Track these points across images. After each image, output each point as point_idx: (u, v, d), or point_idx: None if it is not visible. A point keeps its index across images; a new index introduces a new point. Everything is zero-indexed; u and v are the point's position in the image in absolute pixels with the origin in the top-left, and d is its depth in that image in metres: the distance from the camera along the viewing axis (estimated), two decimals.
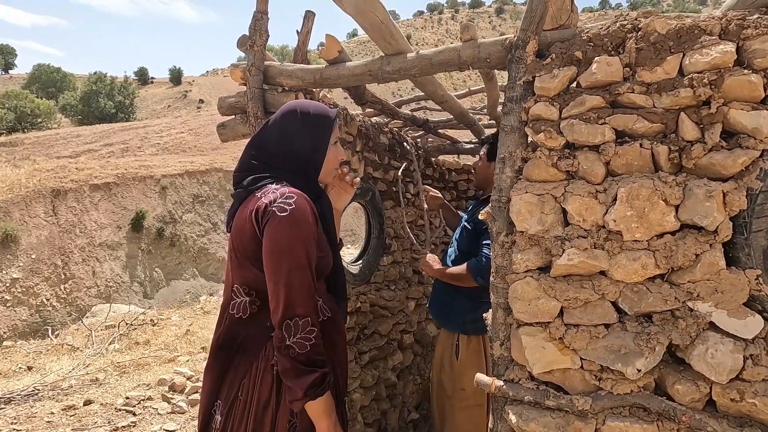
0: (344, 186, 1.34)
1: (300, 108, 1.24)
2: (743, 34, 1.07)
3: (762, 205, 1.00)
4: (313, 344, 1.04)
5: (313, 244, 1.09)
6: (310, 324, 1.04)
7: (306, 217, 1.08)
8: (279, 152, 1.20)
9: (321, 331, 1.13)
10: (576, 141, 1.19)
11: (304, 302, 1.05)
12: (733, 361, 1.00)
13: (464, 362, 2.12)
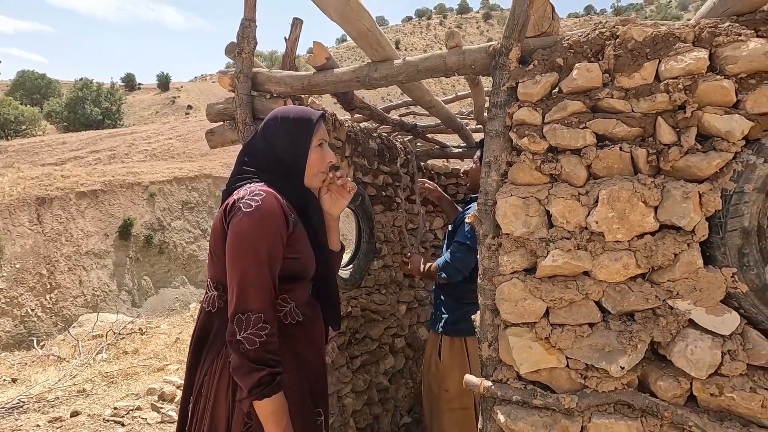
0: (339, 191, 1.33)
1: (280, 114, 1.25)
2: (715, 41, 1.11)
3: (736, 205, 1.04)
4: (264, 341, 1.01)
5: (278, 242, 1.08)
6: (262, 320, 1.02)
7: (272, 214, 1.08)
8: (265, 159, 1.21)
9: (287, 334, 1.13)
10: (558, 145, 1.23)
11: (258, 298, 1.03)
12: (711, 356, 1.04)
13: (447, 363, 2.14)
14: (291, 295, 1.18)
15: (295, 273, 1.16)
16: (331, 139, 2.30)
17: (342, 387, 2.54)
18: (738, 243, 1.04)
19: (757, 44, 1.05)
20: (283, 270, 1.13)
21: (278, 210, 1.09)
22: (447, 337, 2.16)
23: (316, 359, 1.25)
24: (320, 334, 1.29)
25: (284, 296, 1.16)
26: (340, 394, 2.54)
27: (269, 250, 1.06)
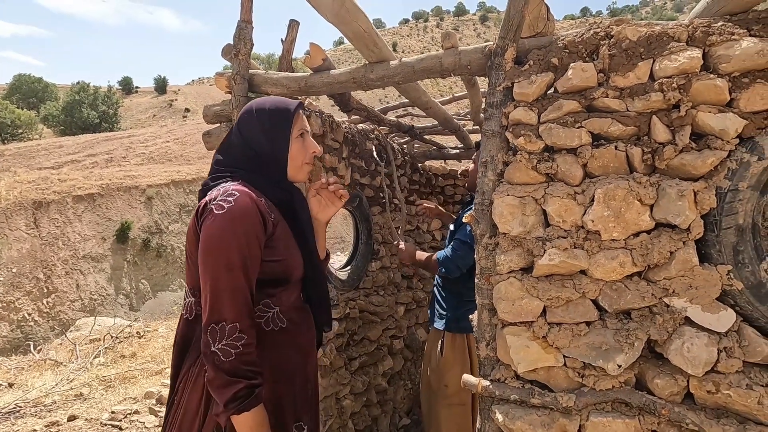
0: (331, 197, 1.28)
1: (255, 106, 1.18)
2: (709, 41, 1.12)
3: (730, 203, 1.04)
4: (240, 352, 0.95)
5: (253, 245, 1.02)
6: (237, 330, 0.96)
7: (246, 215, 1.01)
8: (242, 156, 1.15)
9: (268, 342, 1.06)
10: (554, 144, 1.23)
11: (232, 306, 0.97)
12: (708, 354, 1.04)
13: (448, 360, 2.15)
14: (274, 300, 1.11)
15: (277, 276, 1.10)
16: (329, 141, 2.30)
17: (340, 389, 2.53)
18: (733, 240, 1.05)
19: (749, 43, 1.06)
20: (264, 273, 1.07)
21: (254, 210, 1.03)
22: (449, 334, 2.17)
23: (301, 369, 1.16)
24: (309, 340, 1.21)
25: (266, 301, 1.10)
26: (338, 396, 2.54)
27: (243, 253, 1.00)
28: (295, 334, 1.15)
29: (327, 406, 2.39)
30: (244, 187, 1.06)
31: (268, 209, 1.09)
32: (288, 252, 1.12)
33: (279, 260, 1.09)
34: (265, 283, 1.08)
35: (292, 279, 1.14)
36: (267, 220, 1.06)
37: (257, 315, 1.07)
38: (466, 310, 2.06)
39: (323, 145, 2.24)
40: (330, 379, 2.42)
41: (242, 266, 0.99)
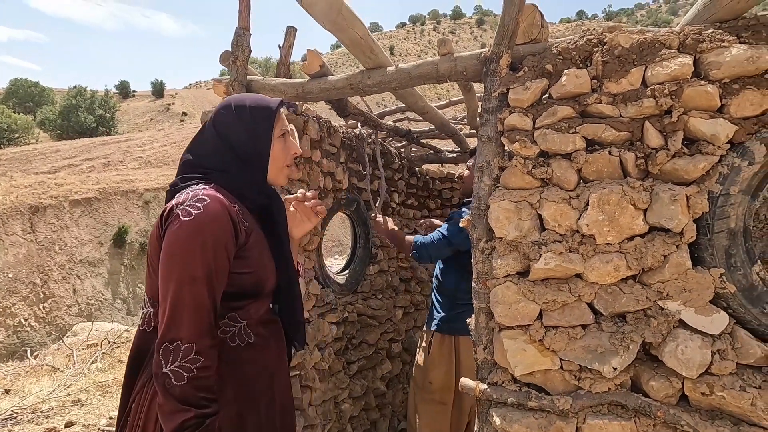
0: (308, 213, 1.21)
1: (234, 102, 1.10)
2: (699, 48, 1.14)
3: (722, 207, 1.06)
4: (193, 377, 0.86)
5: (221, 257, 0.93)
6: (193, 351, 0.87)
7: (216, 224, 0.93)
8: (217, 156, 1.06)
9: (234, 359, 0.99)
10: (549, 150, 1.25)
11: (191, 324, 0.88)
12: (701, 356, 1.05)
13: (434, 357, 2.19)
14: (242, 313, 1.03)
15: (247, 289, 1.02)
16: (326, 146, 2.32)
17: (339, 393, 2.53)
18: (725, 244, 1.06)
19: (739, 50, 1.08)
20: (233, 286, 0.98)
21: (225, 218, 0.95)
22: (438, 334, 2.20)
23: (267, 388, 1.07)
24: (277, 356, 1.12)
25: (233, 315, 1.01)
26: (337, 400, 2.54)
27: (209, 266, 0.91)
28: (263, 350, 1.07)
29: (326, 411, 2.40)
30: (217, 191, 0.98)
31: (242, 217, 1.01)
32: (260, 263, 1.04)
33: (250, 272, 1.01)
34: (232, 295, 1.00)
35: (263, 291, 1.07)
36: (239, 229, 0.98)
37: (222, 330, 0.99)
38: (458, 313, 2.09)
39: (321, 149, 2.25)
40: (329, 383, 2.43)
41: (207, 280, 0.90)
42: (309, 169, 2.15)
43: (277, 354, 1.12)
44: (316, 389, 2.30)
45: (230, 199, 1.00)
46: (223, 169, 1.05)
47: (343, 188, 2.55)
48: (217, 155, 1.06)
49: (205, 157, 1.07)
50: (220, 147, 1.07)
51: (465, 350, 2.12)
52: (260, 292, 1.06)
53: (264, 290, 1.07)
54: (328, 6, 1.30)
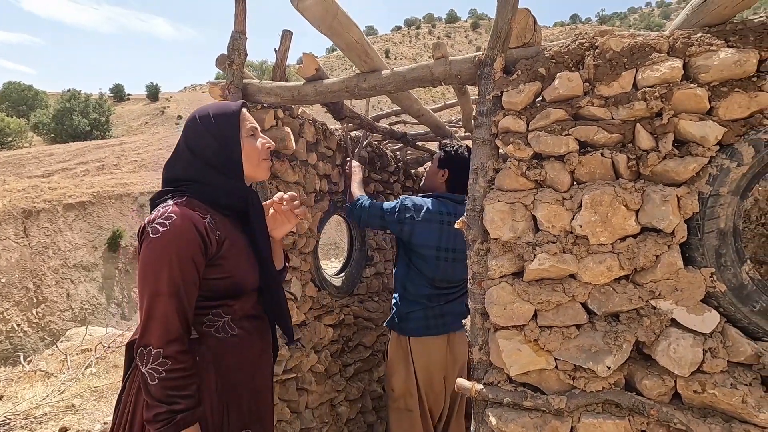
0: (288, 215, 1.28)
1: (199, 113, 1.17)
2: (689, 51, 1.16)
3: (712, 207, 1.08)
4: (162, 378, 0.98)
5: (188, 268, 1.02)
6: (161, 356, 0.98)
7: (181, 240, 1.01)
8: (191, 169, 1.13)
9: (219, 349, 1.09)
10: (543, 152, 1.26)
11: (156, 333, 0.99)
12: (693, 354, 1.07)
13: (392, 362, 2.20)
14: (225, 309, 1.12)
15: (223, 292, 1.11)
16: (322, 148, 2.33)
17: (336, 395, 2.53)
18: (715, 244, 1.08)
19: (727, 54, 1.10)
20: (209, 291, 1.08)
21: (191, 233, 1.03)
22: (394, 335, 2.21)
23: (248, 380, 1.16)
24: (260, 351, 1.20)
25: (217, 311, 1.11)
26: (333, 403, 2.54)
27: (176, 280, 1.00)
28: (246, 344, 1.15)
29: (322, 413, 2.39)
30: (187, 206, 1.06)
31: (214, 227, 1.08)
32: (237, 266, 1.11)
33: (224, 277, 1.09)
34: (214, 296, 1.10)
35: (244, 291, 1.15)
36: (209, 240, 1.06)
37: (207, 324, 1.10)
38: (408, 312, 2.10)
39: (317, 152, 2.26)
40: (325, 385, 2.43)
41: (174, 293, 1.00)
42: (305, 171, 2.15)
43: (261, 349, 1.21)
44: (312, 392, 2.30)
45: (201, 211, 1.08)
46: (198, 180, 1.13)
47: (339, 191, 2.56)
48: (190, 167, 1.13)
49: (180, 170, 1.14)
50: (192, 159, 1.14)
51: (417, 351, 2.11)
52: (240, 292, 1.14)
53: (244, 290, 1.15)
54: (324, 10, 1.31)
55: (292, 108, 2.00)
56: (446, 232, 2.01)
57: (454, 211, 2.04)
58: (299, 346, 2.20)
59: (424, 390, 2.13)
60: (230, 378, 1.11)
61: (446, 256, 2.04)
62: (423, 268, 2.07)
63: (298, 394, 2.19)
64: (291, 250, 2.11)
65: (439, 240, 2.03)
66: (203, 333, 1.10)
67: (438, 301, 2.10)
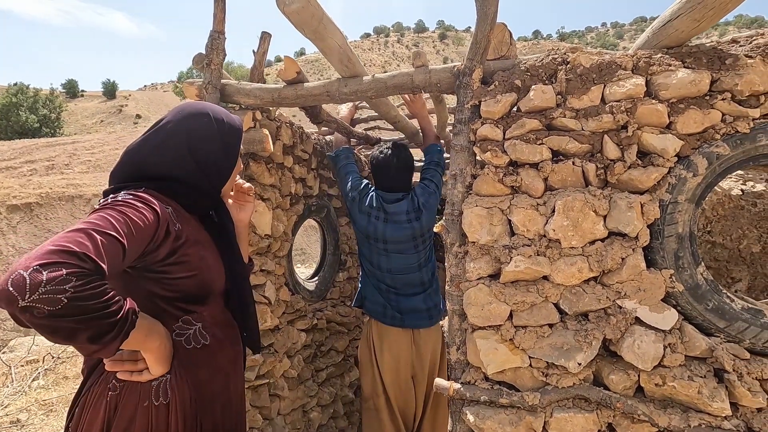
0: (242, 197, 1.29)
1: (212, 113, 1.10)
2: (650, 70, 1.26)
3: (671, 214, 1.17)
4: (73, 295, 0.74)
5: (137, 232, 0.87)
6: (63, 275, 0.75)
7: (138, 208, 0.89)
8: (175, 161, 1.03)
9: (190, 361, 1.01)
10: (518, 159, 1.33)
11: (64, 247, 0.76)
12: (655, 350, 1.15)
13: (360, 363, 2.28)
14: (196, 316, 1.05)
15: (192, 291, 1.04)
16: (298, 152, 2.32)
17: (308, 401, 2.50)
18: (674, 247, 1.17)
19: (684, 74, 1.21)
20: (176, 291, 1.00)
21: (151, 207, 0.92)
22: (364, 331, 2.31)
23: (223, 390, 1.09)
24: (231, 359, 1.14)
25: (187, 318, 1.04)
26: (305, 409, 2.51)
27: (121, 227, 0.84)
28: (218, 352, 1.09)
29: (294, 419, 2.36)
30: (145, 193, 0.95)
31: (175, 218, 0.98)
32: (204, 264, 1.05)
33: (191, 275, 1.02)
34: (181, 299, 1.02)
35: (212, 292, 1.09)
36: (168, 228, 0.95)
37: (177, 333, 1.02)
38: (365, 289, 2.24)
39: (293, 155, 2.25)
40: (297, 391, 2.40)
41: (117, 231, 0.83)
42: (281, 174, 2.14)
43: (233, 357, 1.15)
44: (285, 398, 2.26)
45: (164, 202, 0.98)
46: (177, 178, 1.03)
47: (314, 194, 2.56)
48: (176, 162, 1.03)
49: (161, 164, 1.02)
50: (185, 155, 1.04)
51: (379, 344, 2.18)
52: (208, 293, 1.08)
53: (212, 291, 1.09)
54: (310, 15, 1.32)
55: (269, 110, 1.99)
56: (373, 225, 2.10)
57: (383, 207, 2.10)
58: (272, 352, 2.16)
59: (392, 390, 2.16)
60: (205, 392, 1.05)
61: (377, 247, 2.13)
62: (363, 250, 2.22)
63: (270, 401, 2.15)
64: (266, 254, 2.08)
65: (367, 229, 2.12)
66: (173, 344, 1.02)
67: (386, 286, 2.18)
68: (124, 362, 0.94)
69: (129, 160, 1.02)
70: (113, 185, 1.00)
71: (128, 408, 0.93)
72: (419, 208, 2.04)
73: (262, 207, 1.94)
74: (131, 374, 0.93)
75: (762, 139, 1.15)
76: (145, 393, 0.95)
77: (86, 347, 0.78)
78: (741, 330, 1.13)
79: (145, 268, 0.95)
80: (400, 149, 2.12)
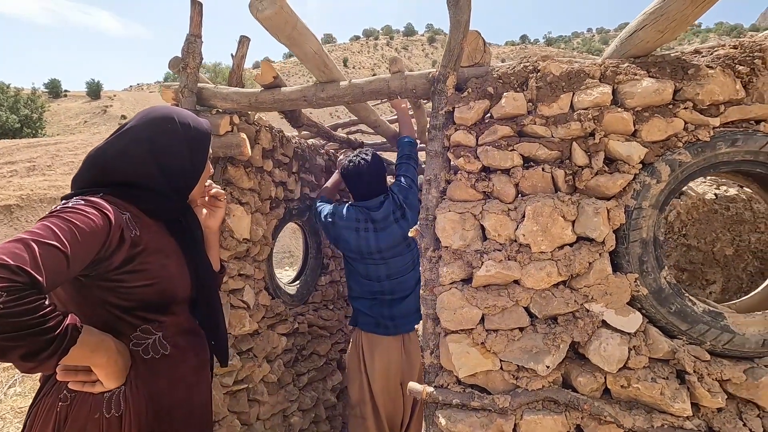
0: (213, 202, 1.28)
1: (178, 117, 1.08)
2: (617, 79, 1.29)
3: (636, 219, 1.20)
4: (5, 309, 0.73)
5: (84, 239, 0.84)
6: None
7: (88, 214, 0.87)
8: (140, 167, 1.02)
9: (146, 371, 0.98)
10: (491, 165, 1.35)
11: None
12: (620, 352, 1.18)
13: (348, 370, 2.31)
14: (157, 325, 1.02)
15: (151, 300, 1.00)
16: (279, 155, 2.31)
17: (288, 405, 2.49)
18: (638, 252, 1.20)
19: (649, 83, 1.24)
20: (132, 300, 0.97)
21: (102, 213, 0.89)
22: (352, 339, 2.31)
23: (184, 400, 1.06)
24: (195, 368, 1.10)
25: (146, 327, 1.01)
26: (286, 413, 2.49)
27: (66, 235, 0.81)
28: (179, 362, 1.06)
29: (274, 424, 2.35)
30: (103, 200, 0.93)
31: (132, 225, 0.96)
32: (166, 273, 1.02)
33: (150, 284, 0.99)
34: (140, 308, 0.99)
35: (174, 300, 1.06)
36: (122, 235, 0.93)
37: (134, 343, 0.99)
38: (357, 308, 2.24)
39: (273, 159, 2.25)
40: (278, 396, 2.38)
41: (59, 240, 0.80)
42: (260, 178, 2.13)
43: (197, 365, 1.11)
44: (264, 403, 2.25)
45: (121, 207, 0.96)
46: (141, 185, 1.01)
47: (296, 198, 2.55)
48: (139, 168, 1.01)
49: (123, 170, 1.00)
50: (147, 160, 1.02)
51: (369, 353, 2.19)
52: (170, 302, 1.05)
53: (175, 299, 1.06)
54: (283, 21, 1.33)
55: (248, 114, 1.98)
56: (364, 239, 2.08)
57: (370, 217, 2.09)
58: (251, 356, 2.15)
59: (381, 398, 2.15)
60: (163, 402, 1.01)
61: (372, 260, 2.12)
62: (358, 268, 2.20)
63: (249, 406, 2.13)
64: (244, 258, 2.07)
65: (359, 246, 2.10)
66: (131, 354, 0.99)
67: (383, 296, 2.17)
68: (77, 372, 0.92)
69: (91, 164, 1.01)
70: (73, 190, 0.98)
71: (78, 420, 0.91)
72: (401, 205, 2.06)
73: (240, 211, 1.93)
74: (83, 385, 0.91)
75: (722, 147, 1.18)
76: (96, 405, 0.92)
77: (21, 365, 0.75)
78: (702, 332, 1.16)
79: (99, 276, 0.92)
80: (367, 154, 2.13)
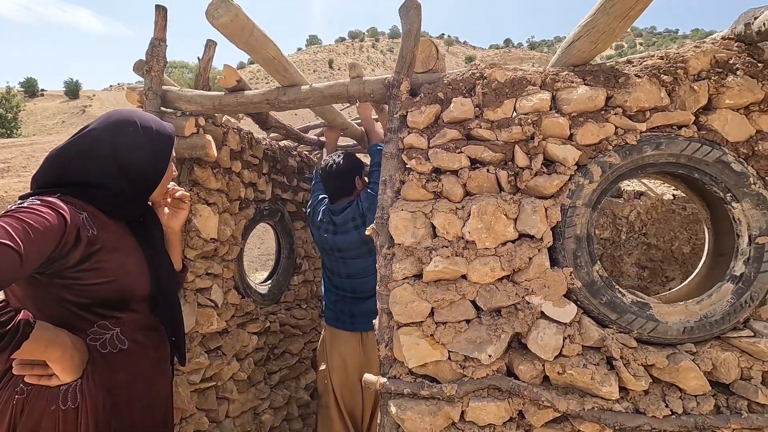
0: (177, 204, 1.31)
1: (140, 121, 1.11)
2: (556, 86, 1.38)
3: (571, 217, 1.29)
4: None
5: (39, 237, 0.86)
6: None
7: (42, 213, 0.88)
8: (100, 170, 1.04)
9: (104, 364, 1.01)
10: (440, 166, 1.42)
11: None
12: (556, 341, 1.26)
13: (317, 360, 2.44)
14: (114, 321, 1.05)
15: (108, 297, 1.02)
16: (248, 157, 2.36)
17: (259, 403, 2.53)
18: (573, 247, 1.29)
19: (584, 90, 1.34)
20: (88, 297, 0.99)
21: (58, 213, 0.91)
22: (323, 331, 2.42)
23: (143, 393, 1.08)
24: (155, 361, 1.13)
25: (104, 323, 1.03)
26: (257, 411, 2.53)
27: (19, 235, 0.84)
28: (138, 357, 1.08)
29: (244, 422, 2.38)
30: (60, 200, 0.95)
31: (89, 224, 0.98)
32: (123, 270, 1.04)
33: (107, 281, 1.01)
34: (97, 305, 1.02)
35: (132, 298, 1.08)
36: (78, 234, 0.95)
37: (91, 338, 1.01)
38: (326, 298, 2.35)
39: (241, 160, 2.29)
40: (248, 394, 2.42)
41: (11, 239, 0.82)
42: (229, 179, 2.17)
43: (155, 361, 1.14)
44: (234, 400, 2.28)
45: (78, 207, 0.98)
46: (100, 185, 1.04)
47: (267, 198, 2.59)
48: (99, 169, 1.04)
49: (83, 170, 1.03)
50: (109, 163, 1.05)
51: (330, 344, 2.29)
52: (129, 299, 1.07)
53: (134, 297, 1.08)
54: (240, 28, 1.38)
55: (215, 116, 2.03)
56: (323, 238, 2.23)
57: (331, 220, 2.21)
58: (220, 354, 2.18)
59: (340, 390, 2.23)
60: (122, 395, 1.03)
61: (334, 257, 2.25)
62: (325, 261, 2.33)
63: (217, 403, 2.17)
64: (212, 258, 2.11)
65: (321, 241, 2.26)
66: (87, 348, 1.01)
67: (345, 293, 2.27)
68: (34, 366, 0.95)
69: (52, 164, 1.03)
70: (33, 189, 1.01)
71: (35, 412, 0.93)
72: (363, 213, 2.12)
73: (207, 211, 1.97)
74: (40, 378, 0.94)
75: (647, 150, 1.28)
76: (53, 397, 0.95)
77: None
78: (630, 321, 1.26)
79: (56, 274, 0.95)
80: (341, 157, 2.20)
